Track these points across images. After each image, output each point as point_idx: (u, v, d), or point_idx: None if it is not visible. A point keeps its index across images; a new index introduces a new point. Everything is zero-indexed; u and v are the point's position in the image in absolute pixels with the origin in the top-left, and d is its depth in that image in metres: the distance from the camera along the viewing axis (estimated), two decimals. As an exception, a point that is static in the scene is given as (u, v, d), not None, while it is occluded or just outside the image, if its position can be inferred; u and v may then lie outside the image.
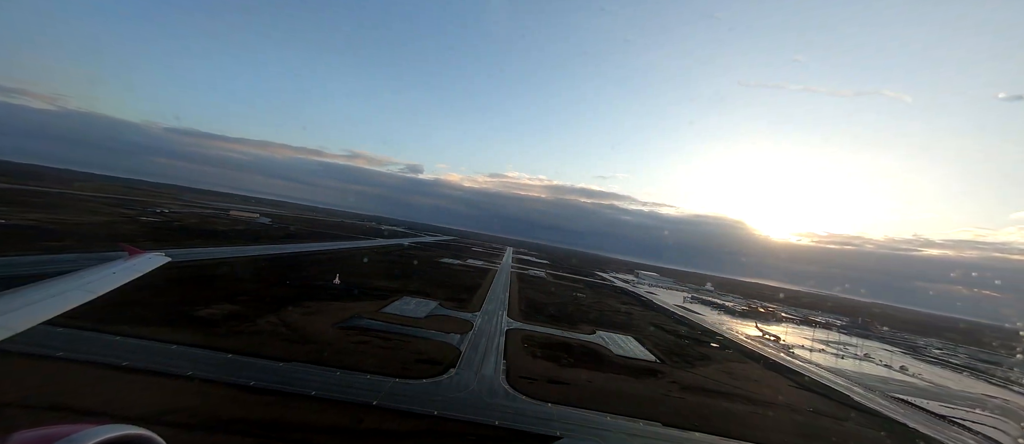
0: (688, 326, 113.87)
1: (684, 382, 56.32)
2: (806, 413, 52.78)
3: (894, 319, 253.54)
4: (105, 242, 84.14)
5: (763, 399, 55.08)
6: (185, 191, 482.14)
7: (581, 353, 62.46)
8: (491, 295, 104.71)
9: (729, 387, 57.87)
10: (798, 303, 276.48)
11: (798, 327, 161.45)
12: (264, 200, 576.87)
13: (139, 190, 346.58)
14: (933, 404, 70.82)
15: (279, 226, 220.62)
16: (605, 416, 39.40)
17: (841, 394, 66.41)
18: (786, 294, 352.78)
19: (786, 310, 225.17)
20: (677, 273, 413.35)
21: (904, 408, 66.11)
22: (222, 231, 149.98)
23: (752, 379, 65.45)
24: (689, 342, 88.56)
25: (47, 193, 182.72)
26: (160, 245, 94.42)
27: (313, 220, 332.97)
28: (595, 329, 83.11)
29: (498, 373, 46.35)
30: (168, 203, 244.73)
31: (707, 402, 50.01)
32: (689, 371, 63.11)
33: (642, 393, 48.79)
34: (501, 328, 69.76)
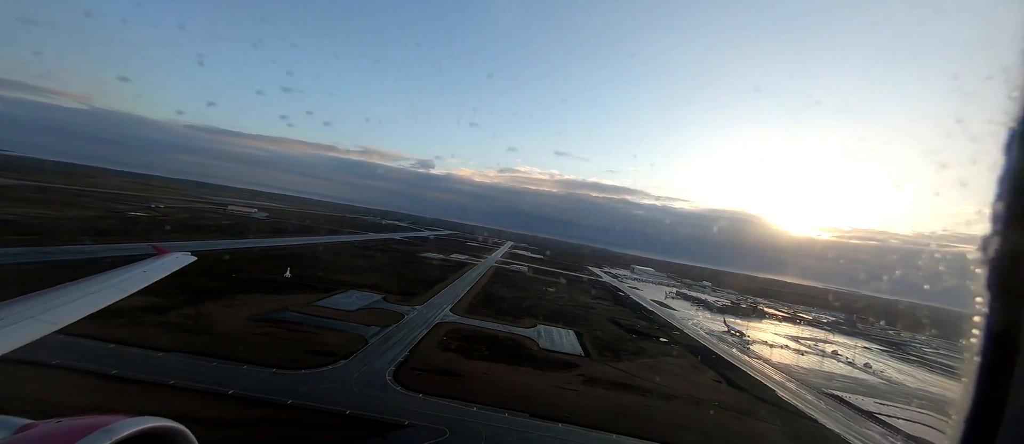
0: (649, 321, 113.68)
1: (594, 376, 56.93)
2: (708, 407, 52.91)
3: (909, 317, 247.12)
4: (71, 235, 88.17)
5: (669, 393, 55.36)
6: (202, 187, 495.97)
7: (502, 347, 63.46)
8: (449, 290, 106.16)
9: (641, 381, 58.23)
10: (806, 300, 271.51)
11: (780, 324, 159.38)
12: (279, 196, 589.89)
13: (152, 186, 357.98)
14: (867, 401, 69.95)
15: (273, 221, 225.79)
16: (472, 406, 40.47)
17: (766, 389, 66.14)
18: (799, 291, 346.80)
19: (781, 306, 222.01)
20: (688, 269, 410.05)
21: (830, 404, 65.55)
22: (205, 226, 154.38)
23: (675, 374, 65.57)
24: (636, 337, 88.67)
25: (51, 189, 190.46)
26: (132, 239, 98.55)
27: (316, 215, 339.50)
28: (537, 323, 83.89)
29: (391, 365, 47.73)
30: (172, 198, 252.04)
31: (604, 395, 50.61)
32: (609, 365, 63.61)
33: (536, 385, 49.65)
34: (433, 321, 71.12)
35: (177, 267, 18.15)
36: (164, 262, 17.81)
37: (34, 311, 10.35)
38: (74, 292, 12.15)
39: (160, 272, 16.76)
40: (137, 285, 14.78)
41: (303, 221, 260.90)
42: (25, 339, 9.42)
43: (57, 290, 11.75)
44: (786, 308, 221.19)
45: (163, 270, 17.06)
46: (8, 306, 10.16)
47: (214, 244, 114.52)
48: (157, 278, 16.18)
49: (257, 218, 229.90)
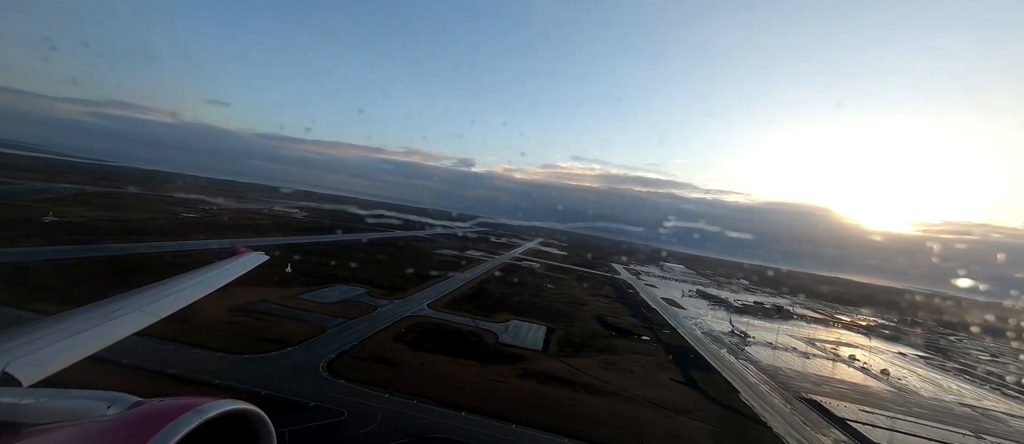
0: (642, 319, 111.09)
1: (537, 370, 58.13)
2: (643, 404, 52.40)
3: (981, 320, 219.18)
4: (117, 236, 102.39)
5: (608, 390, 55.32)
6: (270, 190, 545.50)
7: (458, 340, 66.24)
8: (442, 285, 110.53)
9: (585, 377, 58.57)
10: (866, 301, 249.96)
11: (807, 326, 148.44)
12: (332, 196, 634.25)
13: (227, 189, 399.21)
14: (850, 408, 65.11)
15: (308, 220, 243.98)
16: (386, 393, 43.71)
17: (729, 392, 63.66)
18: (864, 291, 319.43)
19: (821, 307, 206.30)
20: (738, 266, 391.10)
21: (800, 409, 61.84)
22: (241, 225, 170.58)
23: (631, 372, 64.90)
24: (614, 335, 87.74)
25: (126, 195, 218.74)
26: (174, 237, 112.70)
27: (355, 214, 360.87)
28: (511, 319, 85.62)
29: (332, 353, 52.16)
30: (230, 201, 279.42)
31: (533, 388, 51.90)
32: (561, 361, 64.31)
33: (466, 377, 51.93)
34: (403, 314, 75.34)
35: (252, 265, 19.67)
36: (242, 261, 19.26)
37: (141, 304, 11.70)
38: (171, 287, 13.52)
39: (239, 270, 18.22)
40: (220, 281, 16.15)
41: (338, 220, 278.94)
42: (136, 327, 10.80)
43: (157, 286, 13.14)
44: (825, 309, 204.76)
45: (241, 268, 18.52)
46: (122, 299, 11.58)
47: (242, 241, 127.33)
48: (236, 276, 17.63)
49: (296, 217, 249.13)
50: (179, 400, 5.03)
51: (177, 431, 4.52)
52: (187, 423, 4.63)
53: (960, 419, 69.13)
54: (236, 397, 5.26)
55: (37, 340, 8.60)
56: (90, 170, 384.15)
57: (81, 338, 9.36)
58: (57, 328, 9.32)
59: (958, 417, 70.33)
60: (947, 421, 66.65)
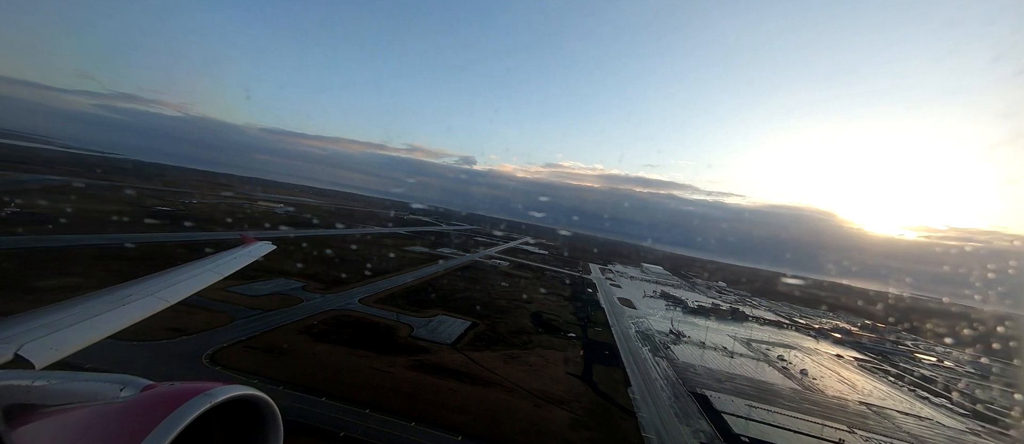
0: (582, 318, 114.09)
1: (429, 362, 61.43)
2: (522, 396, 55.71)
3: (955, 325, 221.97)
4: (66, 228, 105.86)
5: (491, 381, 58.59)
6: (271, 184, 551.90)
7: (367, 333, 69.55)
8: (388, 281, 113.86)
9: (476, 370, 61.84)
10: (843, 305, 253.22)
11: (760, 327, 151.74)
12: (332, 192, 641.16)
13: (222, 183, 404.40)
14: (736, 402, 68.56)
15: (287, 214, 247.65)
16: (255, 379, 47.09)
17: (617, 386, 66.79)
18: (850, 294, 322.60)
19: (784, 310, 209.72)
20: (727, 269, 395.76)
21: (682, 403, 65.18)
22: (216, 219, 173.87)
23: (530, 365, 68.12)
24: (540, 331, 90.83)
25: (106, 187, 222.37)
26: (124, 230, 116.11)
27: (346, 209, 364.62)
28: (440, 314, 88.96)
29: (224, 342, 55.50)
30: (218, 194, 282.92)
31: (414, 378, 55.17)
32: (463, 353, 67.55)
33: (352, 366, 55.26)
34: (327, 308, 78.75)
35: (261, 254, 20.10)
36: (250, 250, 19.67)
37: (152, 290, 11.82)
38: (181, 274, 13.78)
39: (247, 259, 18.57)
40: (229, 269, 16.42)
41: (321, 215, 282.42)
42: (148, 312, 10.97)
43: (169, 272, 13.45)
44: (787, 312, 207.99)
45: (249, 257, 18.83)
46: (133, 285, 11.71)
47: (209, 235, 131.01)
48: (245, 264, 18.04)
49: (276, 212, 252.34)
50: (190, 384, 5.16)
51: (187, 414, 4.64)
52: (197, 407, 4.75)
53: (847, 416, 72.39)
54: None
55: (50, 323, 8.57)
56: (90, 162, 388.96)
57: (94, 323, 9.44)
58: (70, 312, 9.37)
59: (846, 414, 73.56)
60: (829, 417, 69.92)
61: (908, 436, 68.41)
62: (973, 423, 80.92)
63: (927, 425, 75.23)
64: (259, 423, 5.66)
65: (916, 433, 70.27)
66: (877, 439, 64.51)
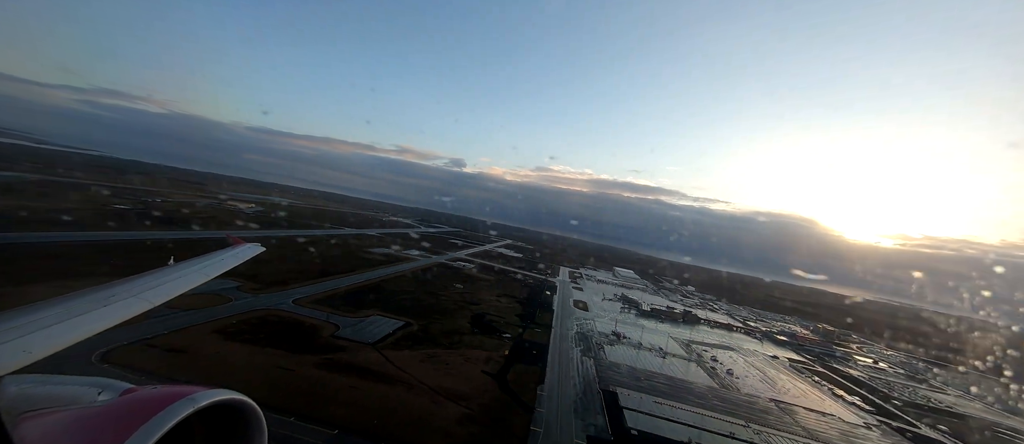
0: (527, 319, 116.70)
1: (344, 361, 63.09)
2: (426, 393, 57.77)
3: (909, 331, 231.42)
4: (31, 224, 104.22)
5: (397, 379, 60.54)
6: (255, 184, 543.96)
7: (286, 332, 70.82)
8: (335, 282, 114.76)
9: (388, 368, 63.68)
10: (806, 311, 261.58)
11: (711, 330, 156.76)
12: (320, 193, 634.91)
13: (198, 182, 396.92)
14: (643, 398, 71.71)
15: (259, 214, 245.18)
16: (140, 377, 48.23)
17: (529, 384, 69.30)
18: (819, 301, 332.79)
19: (744, 315, 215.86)
20: (714, 274, 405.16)
21: (587, 398, 68.06)
22: (178, 218, 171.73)
23: (448, 364, 70.23)
24: (475, 332, 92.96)
25: (73, 184, 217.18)
26: (69, 228, 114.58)
27: (323, 210, 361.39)
28: (376, 314, 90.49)
29: (124, 340, 56.26)
30: (186, 193, 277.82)
31: (317, 376, 56.79)
32: (383, 353, 69.27)
33: (255, 365, 56.61)
34: (254, 307, 79.63)
35: (249, 256, 19.71)
36: (238, 251, 19.25)
37: (136, 291, 11.40)
38: (166, 275, 13.39)
39: (236, 260, 18.19)
40: (216, 271, 16.11)
41: (293, 216, 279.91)
42: (130, 314, 10.56)
43: (153, 273, 13.01)
44: (742, 316, 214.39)
45: (236, 259, 18.45)
46: (116, 286, 11.23)
47: (157, 233, 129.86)
48: (232, 265, 17.67)
49: (244, 212, 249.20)
50: (171, 388, 5.00)
51: (168, 419, 4.45)
52: (179, 411, 4.57)
53: (750, 412, 76.33)
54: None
55: (27, 324, 8.20)
56: (62, 159, 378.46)
57: (73, 324, 9.15)
58: (49, 313, 9.06)
59: (751, 410, 77.51)
60: (732, 413, 73.73)
61: (800, 429, 72.59)
62: (873, 419, 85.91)
63: (826, 420, 79.71)
64: (243, 428, 5.52)
65: (809, 427, 74.55)
66: (767, 432, 68.40)
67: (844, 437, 73.24)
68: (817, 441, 69.20)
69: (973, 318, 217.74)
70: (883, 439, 76.10)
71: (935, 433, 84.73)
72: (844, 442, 71.04)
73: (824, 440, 70.16)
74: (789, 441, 66.79)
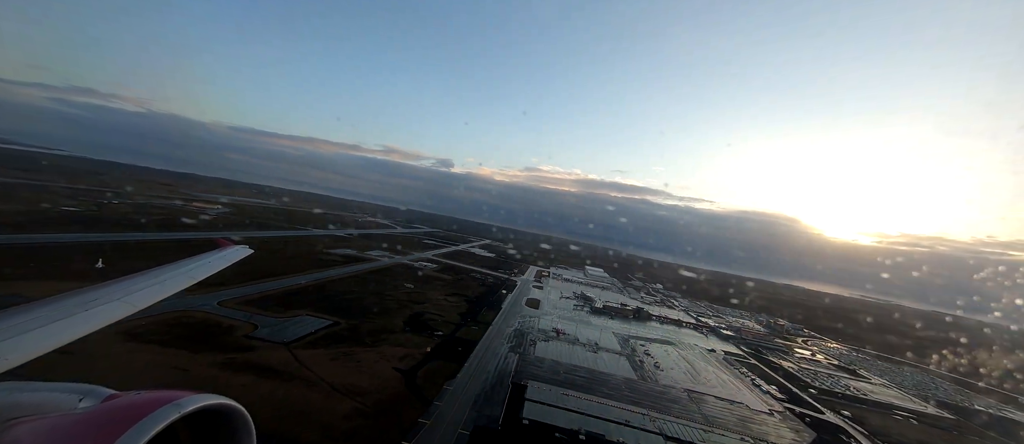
0: (468, 318, 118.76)
1: (247, 360, 64.07)
2: (323, 390, 59.27)
3: (859, 325, 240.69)
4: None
5: (303, 377, 61.84)
6: (235, 184, 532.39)
7: (198, 333, 71.30)
8: (280, 282, 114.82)
9: (296, 366, 64.89)
10: (775, 308, 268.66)
11: (661, 326, 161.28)
12: (302, 193, 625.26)
13: (169, 183, 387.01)
14: (555, 391, 74.39)
15: (224, 216, 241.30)
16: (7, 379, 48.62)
17: (436, 379, 71.25)
18: (789, 298, 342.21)
19: (697, 312, 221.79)
20: (693, 272, 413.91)
21: (494, 391, 70.45)
22: (128, 220, 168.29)
23: (359, 362, 71.69)
24: (407, 331, 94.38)
25: (21, 186, 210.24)
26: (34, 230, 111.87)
27: (297, 210, 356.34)
28: (305, 314, 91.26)
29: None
30: (147, 193, 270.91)
31: (213, 375, 57.73)
32: (294, 352, 70.40)
33: (148, 364, 57.30)
34: (174, 308, 79.67)
35: (237, 258, 19.44)
36: (225, 254, 19.04)
37: (119, 294, 11.16)
38: (151, 279, 13.15)
39: (223, 262, 17.94)
40: (202, 274, 16.00)
41: (260, 217, 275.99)
42: (113, 318, 10.44)
43: (137, 276, 12.76)
44: (699, 311, 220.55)
45: (224, 261, 18.20)
46: (98, 289, 11.07)
47: (96, 235, 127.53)
48: (219, 268, 17.45)
49: (207, 213, 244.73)
50: (155, 393, 4.81)
51: (153, 425, 4.28)
52: (164, 417, 4.41)
53: (659, 401, 79.82)
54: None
55: (4, 330, 7.85)
56: (29, 159, 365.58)
57: (53, 329, 8.83)
58: (28, 317, 8.75)
59: (661, 400, 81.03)
60: (639, 403, 77.09)
61: (700, 416, 76.37)
62: (781, 406, 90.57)
63: (731, 408, 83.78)
64: (231, 433, 5.38)
65: (710, 414, 78.40)
66: (664, 419, 71.84)
67: (741, 422, 77.27)
68: (710, 425, 72.95)
69: (935, 311, 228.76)
70: (781, 423, 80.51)
71: (837, 418, 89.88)
72: (739, 427, 74.95)
73: (719, 425, 73.97)
74: (682, 426, 70.31)
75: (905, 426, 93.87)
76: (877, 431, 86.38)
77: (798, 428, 79.74)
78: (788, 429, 78.27)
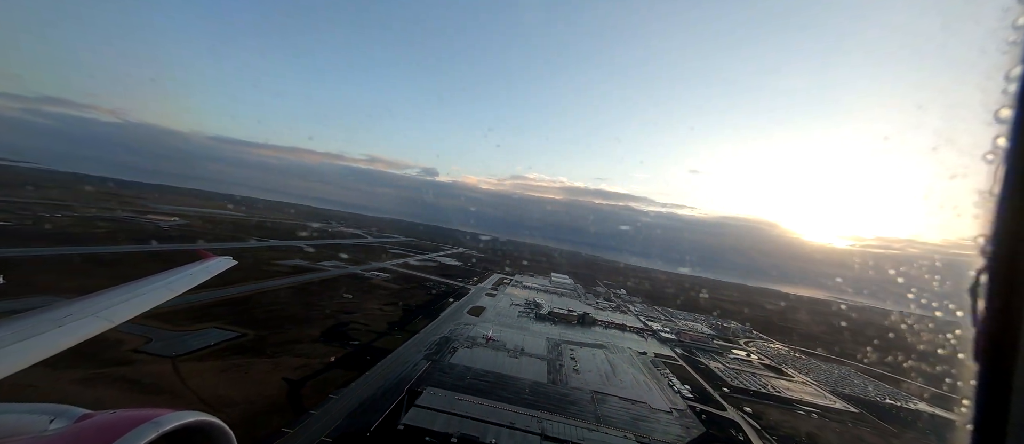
0: (397, 327, 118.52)
1: (115, 374, 62.78)
2: (187, 400, 58.56)
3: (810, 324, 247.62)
4: None
5: (170, 389, 60.95)
6: (211, 196, 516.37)
7: (81, 346, 69.56)
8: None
9: (165, 381, 63.83)
10: (735, 312, 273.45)
11: (603, 331, 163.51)
12: (285, 204, 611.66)
13: (132, 195, 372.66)
14: (446, 396, 74.89)
15: (179, 228, 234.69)
16: None
17: (325, 388, 71.28)
18: (755, 300, 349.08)
19: (656, 315, 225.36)
20: (670, 278, 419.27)
21: (385, 394, 70.76)
22: (50, 233, 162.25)
23: (249, 373, 71.10)
24: (321, 341, 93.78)
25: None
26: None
27: (264, 222, 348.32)
28: (213, 326, 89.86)
29: None
30: (97, 206, 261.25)
31: (65, 391, 56.59)
32: (178, 363, 69.35)
33: (3, 380, 55.76)
34: (67, 324, 77.59)
35: (219, 270, 19.17)
36: (208, 265, 18.73)
37: (95, 309, 10.75)
38: (129, 292, 12.66)
39: (205, 274, 17.55)
40: (184, 286, 15.60)
41: (219, 229, 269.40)
42: (88, 334, 10.04)
43: (114, 290, 12.32)
44: (654, 317, 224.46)
45: (206, 273, 17.82)
46: (73, 304, 10.66)
47: (26, 251, 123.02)
48: (202, 280, 17.07)
49: (160, 226, 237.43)
50: (132, 412, 4.59)
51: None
52: (141, 437, 4.21)
53: (559, 404, 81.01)
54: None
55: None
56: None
57: (20, 348, 8.47)
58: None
59: (562, 402, 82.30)
60: (536, 405, 78.22)
61: (591, 416, 78.02)
62: (684, 405, 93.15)
63: (631, 407, 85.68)
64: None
65: (606, 414, 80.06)
66: (553, 419, 73.11)
67: (634, 421, 79.13)
68: (599, 424, 74.58)
69: (894, 311, 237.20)
70: (675, 421, 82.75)
71: (736, 414, 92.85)
72: (629, 425, 76.76)
73: (609, 424, 75.65)
74: (567, 427, 71.66)
75: (803, 420, 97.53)
76: (771, 425, 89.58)
77: (690, 425, 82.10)
78: (679, 426, 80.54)
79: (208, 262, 19.26)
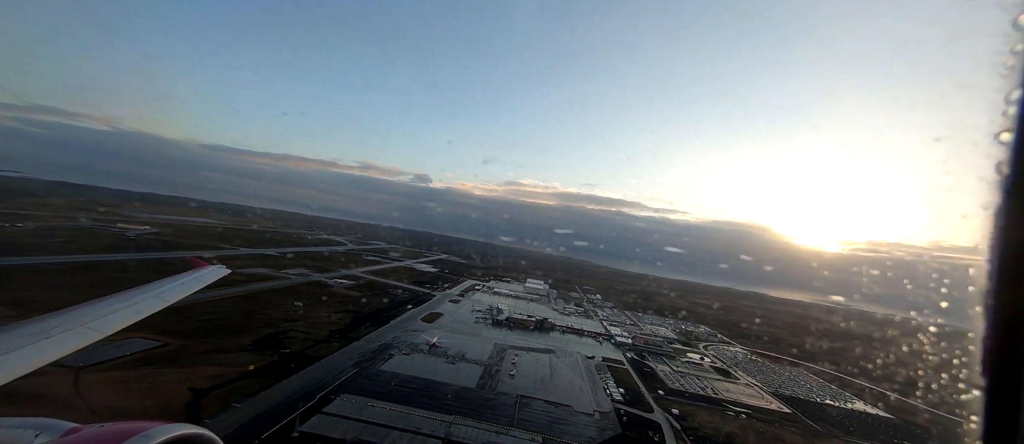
0: (336, 337, 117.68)
1: (10, 388, 61.60)
2: (61, 409, 57.50)
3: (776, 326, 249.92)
4: None
5: (60, 401, 59.99)
6: (200, 205, 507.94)
7: None
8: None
9: (57, 393, 62.74)
10: (707, 316, 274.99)
11: (561, 337, 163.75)
12: (275, 212, 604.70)
13: (115, 203, 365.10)
14: (360, 402, 74.51)
15: (141, 238, 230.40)
16: None
17: (231, 398, 70.56)
18: (734, 305, 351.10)
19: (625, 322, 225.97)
20: (656, 282, 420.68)
21: (293, 406, 70.17)
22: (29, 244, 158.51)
23: (154, 383, 70.03)
24: (251, 350, 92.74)
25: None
26: None
27: (242, 231, 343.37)
28: (135, 336, 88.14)
29: None
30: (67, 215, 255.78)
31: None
32: (73, 376, 68.14)
33: None
34: None
35: (212, 279, 18.91)
36: (200, 274, 18.50)
37: (84, 320, 10.56)
38: (119, 302, 12.54)
39: (198, 283, 17.34)
40: (176, 295, 15.37)
41: (189, 238, 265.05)
42: (77, 345, 9.94)
43: (104, 300, 12.14)
44: (620, 322, 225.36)
45: (199, 282, 17.60)
46: (62, 315, 10.43)
47: None
48: (194, 289, 16.80)
49: (127, 236, 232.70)
50: (121, 425, 4.48)
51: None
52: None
53: (479, 409, 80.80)
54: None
55: None
56: None
57: (3, 361, 8.22)
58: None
59: (482, 407, 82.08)
60: (453, 410, 77.93)
61: (506, 418, 78.08)
62: (611, 407, 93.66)
63: (553, 411, 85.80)
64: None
65: (524, 418, 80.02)
66: (467, 425, 72.89)
67: (550, 424, 79.30)
68: (512, 427, 74.68)
69: (874, 313, 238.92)
70: (593, 423, 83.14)
71: (662, 416, 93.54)
72: (544, 428, 76.89)
73: (523, 427, 75.75)
74: (476, 431, 71.58)
75: (731, 421, 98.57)
76: (693, 427, 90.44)
77: (607, 427, 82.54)
78: (595, 428, 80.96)
79: (201, 271, 19.13)
